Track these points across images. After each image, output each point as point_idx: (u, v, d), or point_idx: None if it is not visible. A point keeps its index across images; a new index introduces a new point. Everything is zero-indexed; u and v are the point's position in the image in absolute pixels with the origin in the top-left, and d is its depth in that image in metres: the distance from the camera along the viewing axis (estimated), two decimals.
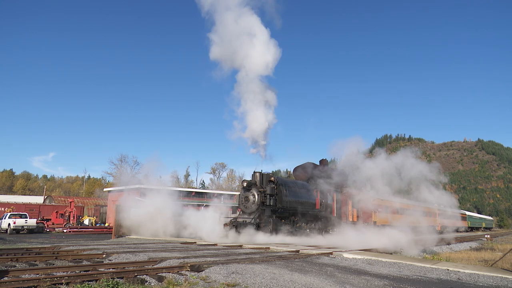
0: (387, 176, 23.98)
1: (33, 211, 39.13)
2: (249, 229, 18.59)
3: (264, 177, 20.59)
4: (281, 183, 21.14)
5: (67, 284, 6.33)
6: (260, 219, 19.13)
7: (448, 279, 8.61)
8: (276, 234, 19.01)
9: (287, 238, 19.26)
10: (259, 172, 20.67)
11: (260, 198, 19.69)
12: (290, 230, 20.27)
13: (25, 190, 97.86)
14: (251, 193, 19.95)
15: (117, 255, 10.35)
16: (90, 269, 8.02)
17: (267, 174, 20.79)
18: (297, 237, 20.14)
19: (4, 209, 38.36)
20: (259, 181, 20.42)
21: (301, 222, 22.09)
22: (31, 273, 7.34)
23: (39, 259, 9.67)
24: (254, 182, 20.37)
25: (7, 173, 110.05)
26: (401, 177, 24.04)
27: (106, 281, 6.44)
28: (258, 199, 19.65)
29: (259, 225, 18.80)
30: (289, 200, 21.32)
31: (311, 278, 7.58)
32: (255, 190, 19.93)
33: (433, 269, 9.97)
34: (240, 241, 17.54)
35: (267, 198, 19.84)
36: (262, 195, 19.80)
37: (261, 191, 19.87)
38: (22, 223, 29.72)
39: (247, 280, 7.02)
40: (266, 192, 19.89)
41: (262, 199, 19.72)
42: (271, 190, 20.08)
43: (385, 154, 25.83)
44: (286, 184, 21.63)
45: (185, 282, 6.82)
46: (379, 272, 9.03)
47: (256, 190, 19.90)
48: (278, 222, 19.77)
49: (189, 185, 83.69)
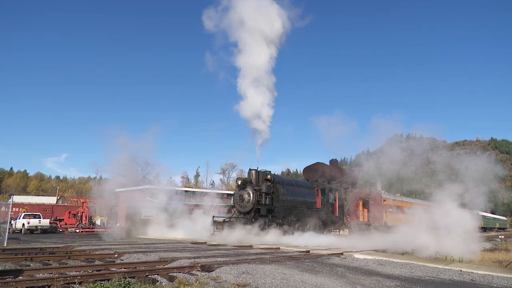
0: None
1: (47, 212, 39.81)
2: (239, 229, 17.70)
3: (261, 175, 19.62)
4: (278, 181, 20.22)
5: (80, 284, 6.41)
6: (256, 218, 18.28)
7: (461, 280, 8.49)
8: (268, 234, 18.11)
9: (285, 238, 18.45)
10: (255, 170, 19.69)
11: (256, 197, 18.75)
12: (286, 230, 19.38)
13: (38, 191, 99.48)
14: (246, 192, 19.00)
15: (129, 255, 10.45)
16: (102, 269, 8.12)
17: (264, 172, 19.82)
18: (293, 237, 19.28)
19: (18, 210, 39.04)
20: (255, 179, 19.46)
21: (300, 221, 21.22)
22: (45, 273, 7.45)
23: (52, 258, 9.81)
24: (249, 180, 19.43)
25: (21, 174, 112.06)
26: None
27: (118, 280, 6.51)
28: (253, 198, 18.72)
29: (251, 224, 17.87)
30: (287, 199, 20.44)
31: (321, 278, 7.55)
32: (251, 188, 18.98)
33: (446, 270, 9.84)
34: (229, 240, 16.66)
35: (263, 197, 18.91)
36: (257, 193, 18.85)
37: (257, 189, 18.92)
38: (36, 223, 30.24)
39: (258, 280, 7.02)
40: (261, 191, 18.93)
41: (258, 198, 18.79)
42: (267, 189, 19.12)
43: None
44: (283, 183, 20.68)
45: (196, 282, 6.85)
46: (391, 273, 8.95)
47: (251, 189, 18.94)
48: (272, 222, 18.86)
49: (199, 185, 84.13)
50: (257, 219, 18.21)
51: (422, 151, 24.54)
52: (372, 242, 18.51)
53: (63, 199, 61.05)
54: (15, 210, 38.06)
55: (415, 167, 23.92)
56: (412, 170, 23.98)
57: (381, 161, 24.25)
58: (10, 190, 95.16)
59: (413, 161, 23.54)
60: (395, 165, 23.39)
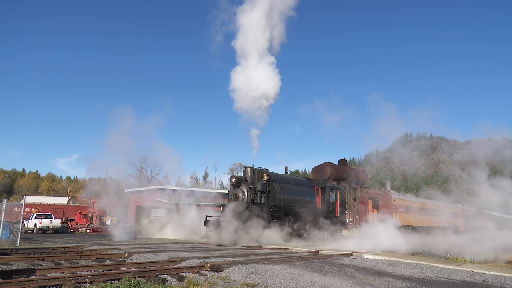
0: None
1: (58, 212, 40.39)
2: (230, 229, 16.88)
3: (256, 173, 18.78)
4: (274, 179, 19.33)
5: (91, 283, 6.47)
6: (250, 218, 17.46)
7: (473, 281, 8.38)
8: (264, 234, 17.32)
9: (282, 240, 17.77)
10: (250, 167, 18.90)
11: (250, 195, 17.98)
12: (282, 230, 18.58)
13: (50, 191, 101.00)
14: (241, 190, 18.20)
15: (139, 254, 10.53)
16: (112, 269, 8.19)
17: (260, 170, 18.99)
18: (289, 238, 18.73)
19: (30, 210, 39.64)
20: (250, 177, 18.63)
21: (298, 222, 20.27)
22: (56, 272, 7.54)
23: (64, 258, 9.95)
24: (244, 178, 18.64)
25: (33, 175, 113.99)
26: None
27: (128, 280, 6.56)
28: (247, 197, 17.95)
29: (244, 224, 17.08)
30: (284, 197, 19.49)
31: (331, 279, 7.51)
32: (245, 187, 18.16)
33: (457, 270, 9.72)
34: (223, 241, 16.25)
35: (258, 196, 18.08)
36: (252, 192, 18.07)
37: (251, 187, 18.15)
38: (48, 223, 30.71)
39: (267, 281, 7.02)
40: (256, 189, 18.12)
41: (252, 197, 18.02)
42: (262, 187, 18.23)
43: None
44: (280, 181, 19.76)
45: (205, 282, 6.88)
46: (401, 274, 8.87)
47: (246, 187, 18.14)
48: (266, 222, 18.00)
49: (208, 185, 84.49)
50: (252, 218, 17.41)
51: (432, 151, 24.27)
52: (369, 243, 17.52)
53: (74, 200, 61.78)
54: (27, 211, 38.66)
55: (425, 167, 23.66)
56: (422, 169, 23.75)
57: (390, 160, 24.06)
58: (23, 191, 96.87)
59: (423, 160, 23.28)
60: (405, 165, 23.09)
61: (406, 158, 26.12)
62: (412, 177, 25.37)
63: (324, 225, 21.77)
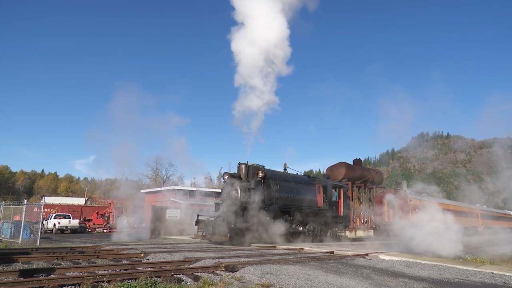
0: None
1: (76, 212, 41.16)
2: (221, 229, 16.16)
3: (251, 170, 17.75)
4: (270, 176, 18.33)
5: (109, 282, 6.58)
6: (244, 217, 16.66)
7: (493, 283, 8.19)
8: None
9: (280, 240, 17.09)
10: (244, 164, 17.91)
11: (244, 193, 17.11)
12: (279, 230, 17.60)
13: (68, 192, 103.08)
14: (234, 188, 17.31)
15: (154, 254, 10.66)
16: (129, 268, 8.31)
17: (255, 166, 17.93)
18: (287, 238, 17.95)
19: (49, 210, 40.53)
20: (245, 174, 17.68)
21: (297, 221, 19.24)
22: (75, 271, 7.69)
23: (82, 257, 10.15)
24: (238, 175, 17.76)
25: (52, 176, 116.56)
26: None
27: (144, 279, 6.66)
28: (240, 195, 17.04)
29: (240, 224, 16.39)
30: (281, 196, 18.44)
31: (346, 279, 7.46)
32: (238, 184, 17.24)
33: (476, 272, 9.51)
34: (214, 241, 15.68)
35: (251, 194, 17.09)
36: (246, 190, 17.20)
37: (245, 185, 17.29)
38: (66, 223, 31.40)
39: (282, 281, 7.01)
40: (250, 187, 17.20)
41: (246, 195, 17.12)
42: (256, 184, 17.26)
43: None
44: (277, 178, 18.74)
45: (220, 282, 6.91)
46: (418, 275, 8.73)
47: (239, 185, 17.22)
48: (261, 222, 17.01)
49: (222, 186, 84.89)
50: (245, 218, 16.61)
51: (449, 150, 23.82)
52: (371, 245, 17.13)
53: (91, 200, 62.90)
54: (47, 211, 39.52)
55: (442, 166, 23.21)
56: (439, 169, 23.30)
57: (406, 160, 23.67)
58: (42, 192, 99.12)
59: (440, 160, 22.81)
60: (421, 164, 22.62)
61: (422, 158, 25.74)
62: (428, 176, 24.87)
63: (326, 225, 20.84)
